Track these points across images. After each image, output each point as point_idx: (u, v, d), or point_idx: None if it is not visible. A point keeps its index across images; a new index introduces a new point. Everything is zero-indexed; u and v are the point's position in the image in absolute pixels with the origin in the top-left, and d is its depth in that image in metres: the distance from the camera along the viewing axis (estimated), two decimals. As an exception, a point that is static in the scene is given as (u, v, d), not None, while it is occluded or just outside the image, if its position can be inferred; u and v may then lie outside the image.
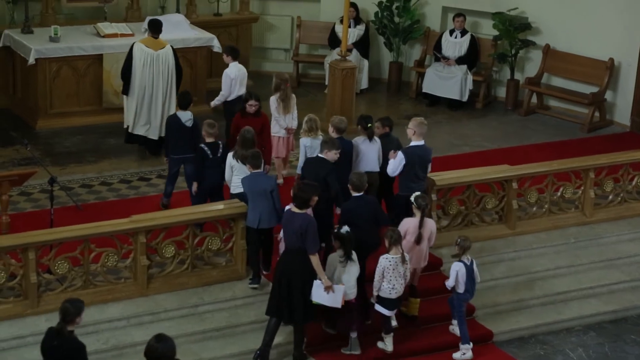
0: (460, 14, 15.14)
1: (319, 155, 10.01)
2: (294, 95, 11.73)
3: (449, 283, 9.57)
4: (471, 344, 9.61)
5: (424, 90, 15.23)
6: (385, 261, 9.24)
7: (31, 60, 12.93)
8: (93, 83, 13.36)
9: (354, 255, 9.18)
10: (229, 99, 12.05)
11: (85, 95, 13.39)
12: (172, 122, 10.97)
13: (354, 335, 9.36)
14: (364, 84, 15.46)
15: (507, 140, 13.92)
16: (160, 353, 6.83)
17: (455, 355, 9.58)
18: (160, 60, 12.22)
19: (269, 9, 15.99)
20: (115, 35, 13.35)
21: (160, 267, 9.74)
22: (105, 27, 13.58)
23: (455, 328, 9.80)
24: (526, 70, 15.29)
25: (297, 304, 8.94)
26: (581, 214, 11.60)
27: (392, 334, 9.45)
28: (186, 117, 10.94)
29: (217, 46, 14.08)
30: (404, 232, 9.54)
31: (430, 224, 9.81)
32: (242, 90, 11.96)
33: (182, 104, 11.03)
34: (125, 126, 12.45)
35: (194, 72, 13.71)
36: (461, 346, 9.60)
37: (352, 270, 9.18)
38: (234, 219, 9.85)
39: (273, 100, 11.56)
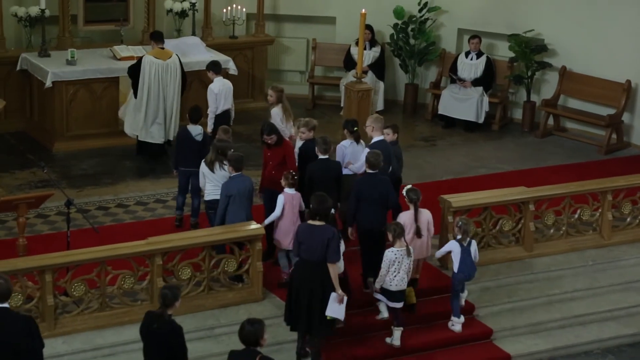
0: (475, 36, 15.14)
1: (322, 157, 10.19)
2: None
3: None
4: (462, 317, 9.97)
5: (439, 112, 15.22)
6: (392, 254, 9.41)
7: (48, 84, 13.00)
8: (109, 105, 13.41)
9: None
10: (216, 113, 12.23)
11: (101, 117, 13.44)
12: (182, 135, 11.17)
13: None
14: (380, 105, 15.46)
15: (523, 162, 13.88)
16: (246, 334, 7.29)
17: (449, 324, 10.04)
18: (169, 69, 12.68)
19: (284, 32, 16.04)
20: (131, 58, 13.40)
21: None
22: (122, 50, 13.65)
23: (455, 325, 10.02)
24: (542, 92, 15.25)
25: (315, 316, 9.00)
26: (599, 236, 11.53)
27: (402, 328, 9.63)
28: (196, 131, 11.14)
29: (232, 68, 14.14)
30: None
31: (426, 215, 9.96)
32: (228, 105, 12.29)
33: (193, 118, 11.25)
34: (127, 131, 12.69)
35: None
36: (452, 318, 10.01)
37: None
38: (250, 241, 9.83)
39: (277, 112, 11.51)
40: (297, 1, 15.76)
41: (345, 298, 9.07)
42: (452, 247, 9.88)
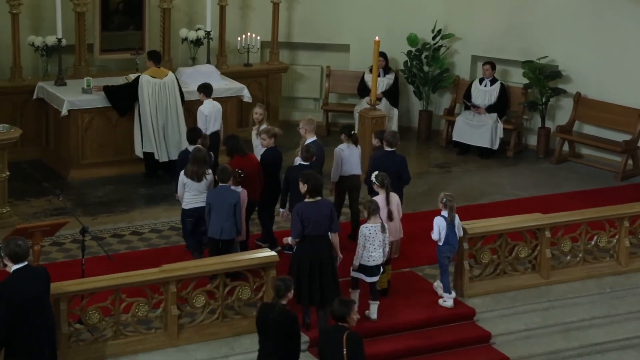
0: (489, 63, 15.15)
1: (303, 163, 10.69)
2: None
3: (433, 236, 10.37)
4: (453, 292, 10.42)
5: (454, 139, 15.21)
6: (366, 230, 9.92)
7: (64, 112, 13.08)
8: (125, 133, 13.47)
9: None
10: (208, 132, 12.30)
11: (117, 145, 13.49)
12: (183, 157, 11.25)
13: None
14: (394, 132, 15.45)
15: (539, 189, 13.83)
16: (335, 312, 8.08)
17: (440, 301, 10.44)
18: (167, 87, 12.96)
19: (298, 59, 16.10)
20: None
21: (191, 317, 9.70)
22: (137, 78, 13.73)
23: (447, 301, 10.42)
24: (557, 118, 15.23)
25: (329, 286, 9.59)
26: (616, 263, 11.45)
27: (377, 302, 10.10)
28: None
29: (247, 96, 14.20)
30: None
31: (395, 198, 10.54)
32: (217, 126, 12.50)
33: (190, 138, 11.40)
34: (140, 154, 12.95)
35: (224, 121, 13.75)
36: (443, 294, 10.44)
37: None
38: (264, 268, 9.81)
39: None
40: (311, 29, 15.84)
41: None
42: (438, 222, 10.34)
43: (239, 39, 15.24)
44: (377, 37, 13.41)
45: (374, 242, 9.91)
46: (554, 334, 10.46)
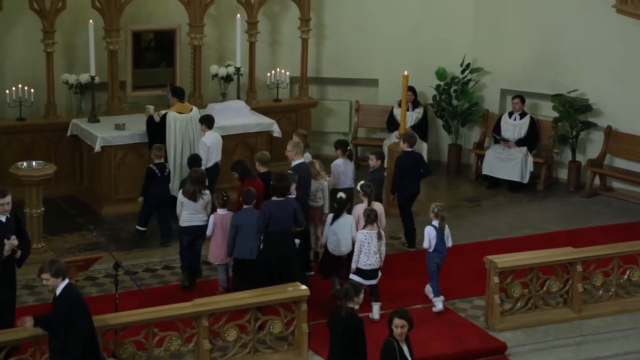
0: (518, 96, 15.17)
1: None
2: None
3: (424, 244, 11.05)
4: (442, 297, 11.01)
5: (483, 172, 15.20)
6: (362, 236, 10.67)
7: (97, 148, 13.24)
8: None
9: (346, 219, 10.90)
10: (207, 165, 12.54)
11: (149, 181, 13.61)
12: (182, 180, 11.97)
13: (335, 282, 11.01)
14: (423, 166, 15.49)
15: (570, 223, 13.77)
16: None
17: (433, 309, 11.02)
18: (193, 122, 13.16)
19: (327, 94, 16.22)
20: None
21: (223, 350, 9.75)
22: (168, 115, 13.88)
23: (437, 304, 11.00)
24: (588, 152, 15.19)
25: (295, 279, 10.19)
26: (649, 297, 11.38)
27: (379, 303, 10.76)
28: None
29: (277, 131, 14.31)
30: (357, 217, 11.01)
31: (379, 207, 11.15)
32: (218, 157, 12.71)
33: (191, 164, 11.93)
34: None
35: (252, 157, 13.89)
36: (433, 299, 11.03)
37: (344, 230, 10.86)
38: (295, 302, 9.85)
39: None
40: (340, 64, 15.96)
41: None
42: (429, 231, 11.00)
43: (269, 74, 15.38)
44: (405, 72, 13.50)
45: (370, 248, 10.62)
46: (586, 369, 10.40)
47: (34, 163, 11.86)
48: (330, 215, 11.10)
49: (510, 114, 15.18)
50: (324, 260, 11.22)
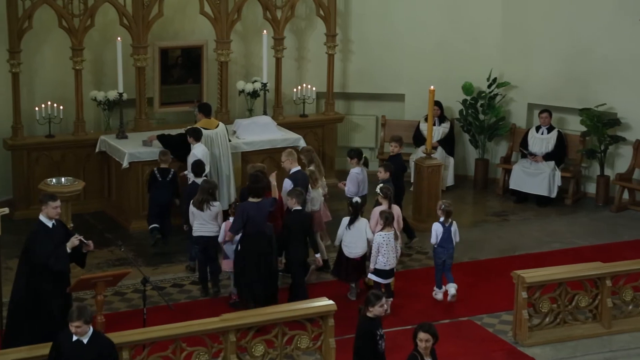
0: (546, 110, 15.11)
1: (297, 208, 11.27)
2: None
3: (431, 240, 11.48)
4: (443, 287, 11.51)
5: (511, 187, 15.13)
6: (380, 237, 11.07)
7: (125, 164, 13.33)
8: (183, 184, 13.62)
9: (361, 222, 11.24)
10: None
11: (176, 196, 13.68)
12: (190, 189, 12.04)
13: (352, 284, 11.49)
14: (450, 181, 15.46)
15: (598, 237, 13.68)
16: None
17: (433, 293, 11.61)
18: (219, 137, 13.21)
19: (354, 109, 16.23)
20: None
21: (250, 366, 9.75)
22: (195, 131, 13.95)
23: (437, 294, 11.54)
24: (616, 166, 15.08)
25: (270, 278, 10.76)
26: (679, 311, 11.26)
27: (391, 299, 11.18)
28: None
29: (303, 146, 14.33)
30: (376, 220, 11.34)
31: (397, 210, 11.59)
32: (207, 169, 12.70)
33: (195, 171, 12.16)
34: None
35: (280, 172, 13.91)
36: (435, 289, 11.59)
37: (359, 234, 11.24)
38: (322, 317, 9.84)
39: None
40: (366, 79, 15.98)
41: None
42: (436, 227, 11.45)
43: (295, 90, 15.43)
44: (432, 86, 13.49)
45: (387, 249, 11.01)
46: (616, 384, 10.32)
47: (63, 179, 11.93)
48: (346, 219, 11.39)
49: (538, 128, 15.12)
50: (339, 263, 11.49)
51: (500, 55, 15.60)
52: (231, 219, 11.21)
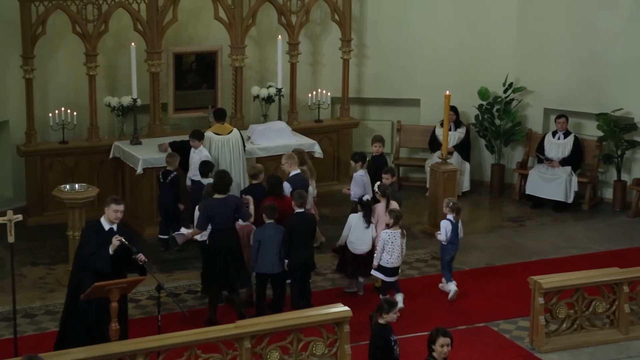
0: (562, 115, 15.02)
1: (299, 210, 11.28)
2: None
3: (441, 237, 11.65)
4: (454, 281, 11.64)
5: (527, 192, 15.05)
6: (385, 235, 11.17)
7: (139, 170, 13.31)
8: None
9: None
10: (196, 178, 12.66)
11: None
12: (197, 187, 12.26)
13: (361, 279, 11.69)
14: (466, 186, 15.39)
15: (616, 243, 13.57)
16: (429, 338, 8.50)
17: (439, 285, 11.90)
18: (231, 143, 13.13)
19: (369, 114, 16.19)
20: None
21: (265, 373, 9.69)
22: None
23: (444, 286, 11.76)
24: (634, 171, 14.97)
25: (235, 273, 10.84)
26: (698, 317, 11.14)
27: (402, 294, 11.27)
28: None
29: (318, 152, 14.29)
30: (377, 217, 11.55)
31: (395, 206, 11.67)
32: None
33: (203, 172, 12.25)
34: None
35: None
36: (443, 280, 11.83)
37: (367, 231, 11.43)
38: (338, 323, 9.78)
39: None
40: (381, 84, 15.93)
41: None
42: (445, 225, 11.62)
43: (310, 95, 15.40)
44: (447, 91, 13.44)
45: (393, 247, 11.14)
46: (635, 392, 10.22)
47: (76, 186, 11.93)
48: (354, 217, 11.56)
49: (554, 133, 15.03)
50: (344, 260, 11.64)
51: (516, 60, 15.53)
52: (240, 222, 11.20)
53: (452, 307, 11.52)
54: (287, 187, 11.86)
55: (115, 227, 9.85)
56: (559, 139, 14.98)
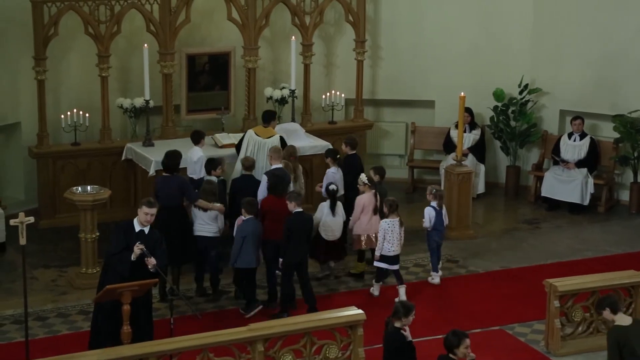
0: (578, 117, 14.90)
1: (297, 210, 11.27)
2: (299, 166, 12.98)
3: (425, 224, 11.94)
4: (439, 272, 12.05)
5: (542, 194, 14.93)
6: (385, 224, 11.46)
7: (152, 172, 13.24)
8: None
9: (339, 207, 11.91)
10: (196, 177, 12.55)
11: (203, 204, 13.58)
12: (199, 183, 12.12)
13: (332, 264, 12.26)
14: (481, 188, 15.29)
15: (632, 245, 13.45)
16: (445, 340, 8.65)
17: (428, 279, 12.10)
18: (265, 147, 12.91)
19: (383, 116, 16.11)
20: (232, 146, 13.58)
21: (278, 376, 9.62)
22: (223, 138, 13.86)
23: (433, 279, 12.02)
24: (650, 173, 14.86)
25: (177, 250, 11.16)
26: None
27: (404, 285, 11.55)
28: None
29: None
30: (361, 207, 11.85)
31: (367, 197, 11.89)
32: (203, 172, 12.60)
33: (208, 169, 12.21)
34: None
35: (309, 179, 13.82)
36: (431, 273, 12.09)
37: (337, 218, 11.89)
38: (351, 326, 9.70)
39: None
40: (396, 86, 15.85)
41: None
42: (429, 212, 11.93)
43: (324, 96, 15.33)
44: (462, 93, 13.35)
45: (393, 235, 11.40)
46: (653, 396, 10.06)
47: (88, 187, 11.91)
48: (323, 205, 11.92)
49: (570, 135, 14.91)
50: (318, 247, 11.91)
51: (531, 62, 15.42)
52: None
53: (467, 311, 11.43)
54: (263, 180, 12.00)
55: (146, 229, 9.80)
56: (574, 140, 14.86)
